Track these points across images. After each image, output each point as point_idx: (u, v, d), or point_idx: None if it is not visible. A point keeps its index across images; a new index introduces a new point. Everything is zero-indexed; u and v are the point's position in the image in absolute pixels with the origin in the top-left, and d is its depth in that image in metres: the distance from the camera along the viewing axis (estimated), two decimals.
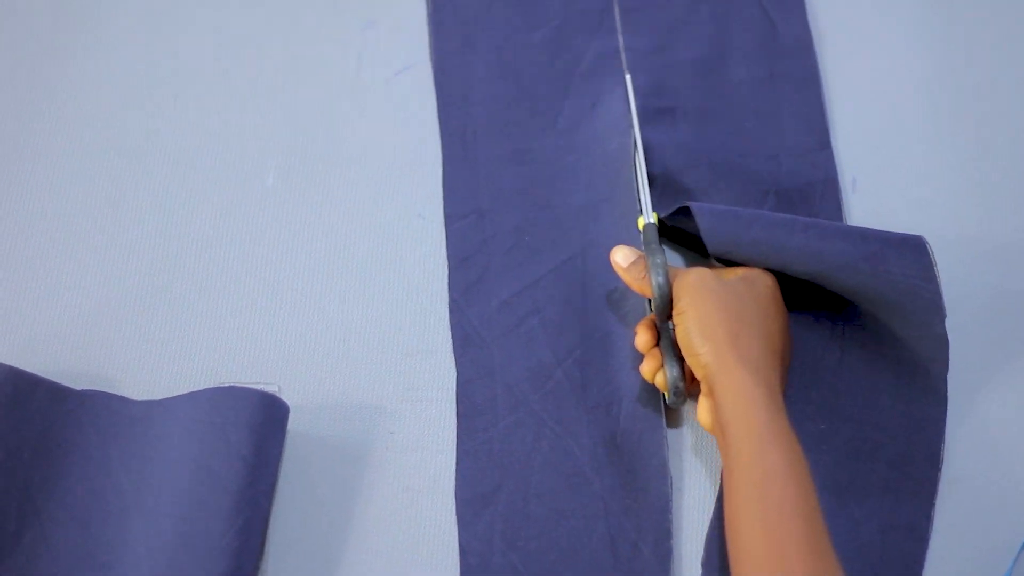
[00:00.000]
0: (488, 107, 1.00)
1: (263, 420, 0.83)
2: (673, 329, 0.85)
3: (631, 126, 0.96)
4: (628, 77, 1.00)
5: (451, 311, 0.92)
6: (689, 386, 0.86)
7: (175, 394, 0.86)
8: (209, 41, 1.05)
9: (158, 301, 0.93)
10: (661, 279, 0.84)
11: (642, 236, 0.90)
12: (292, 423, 0.86)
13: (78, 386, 0.86)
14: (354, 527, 0.85)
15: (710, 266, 0.90)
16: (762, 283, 0.86)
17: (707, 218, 0.87)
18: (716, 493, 0.86)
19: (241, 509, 0.80)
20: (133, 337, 0.91)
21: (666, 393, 0.86)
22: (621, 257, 0.88)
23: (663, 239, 0.93)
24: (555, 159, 0.98)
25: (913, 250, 0.84)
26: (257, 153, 0.99)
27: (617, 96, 0.99)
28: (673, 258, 0.94)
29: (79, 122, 1.00)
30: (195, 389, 0.86)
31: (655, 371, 0.86)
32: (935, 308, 0.84)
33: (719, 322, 0.81)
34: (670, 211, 0.91)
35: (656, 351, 0.86)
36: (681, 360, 0.85)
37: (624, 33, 1.03)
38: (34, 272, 0.93)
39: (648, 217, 0.90)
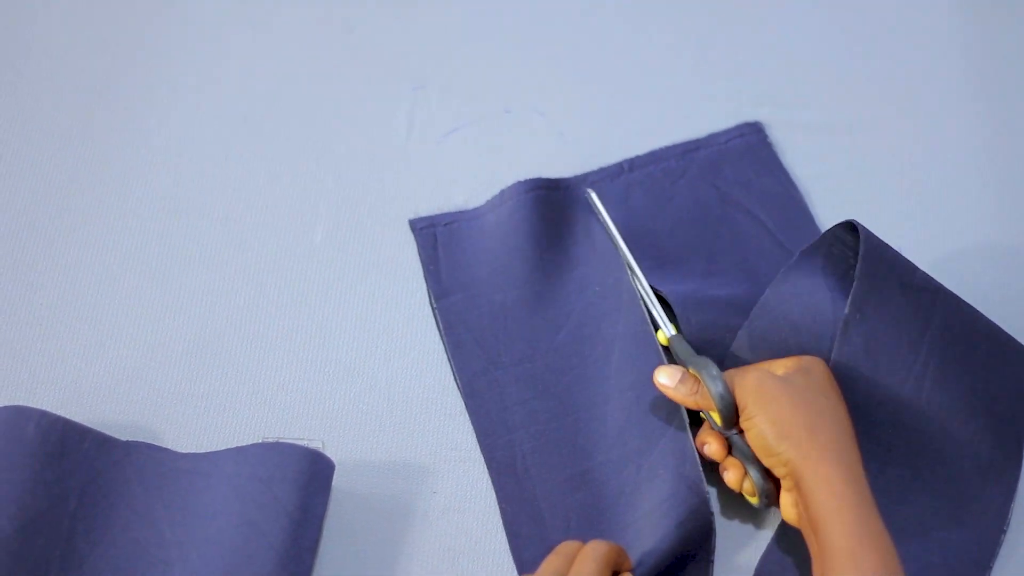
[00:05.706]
0: (530, 430, 0.91)
1: (309, 476, 0.83)
2: (740, 435, 0.82)
3: (618, 253, 0.92)
4: (593, 193, 0.95)
5: None
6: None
7: (219, 448, 0.87)
8: (261, 99, 1.06)
9: (205, 355, 0.93)
10: (722, 388, 0.80)
11: (673, 350, 0.85)
12: (335, 479, 0.86)
13: (124, 437, 0.87)
14: None
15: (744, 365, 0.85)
16: (817, 370, 0.82)
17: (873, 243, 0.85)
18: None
19: (285, 565, 0.80)
20: (180, 390, 0.91)
21: (754, 499, 0.83)
22: (666, 377, 0.83)
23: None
24: (614, 476, 0.88)
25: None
26: (306, 210, 1.00)
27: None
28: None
29: (128, 178, 1.01)
30: (239, 443, 0.87)
31: (741, 480, 0.83)
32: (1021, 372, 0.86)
33: (792, 418, 0.77)
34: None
35: (734, 459, 0.83)
36: (757, 462, 0.81)
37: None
38: (83, 324, 0.94)
39: (668, 330, 0.86)
